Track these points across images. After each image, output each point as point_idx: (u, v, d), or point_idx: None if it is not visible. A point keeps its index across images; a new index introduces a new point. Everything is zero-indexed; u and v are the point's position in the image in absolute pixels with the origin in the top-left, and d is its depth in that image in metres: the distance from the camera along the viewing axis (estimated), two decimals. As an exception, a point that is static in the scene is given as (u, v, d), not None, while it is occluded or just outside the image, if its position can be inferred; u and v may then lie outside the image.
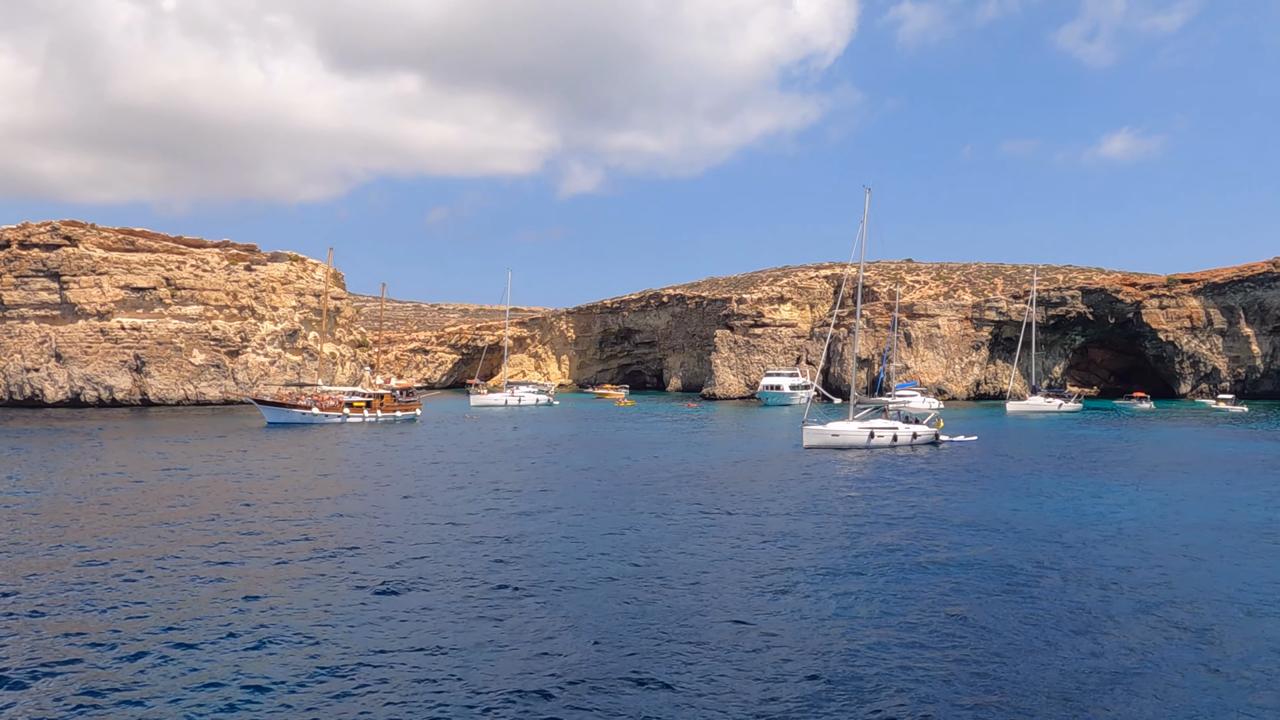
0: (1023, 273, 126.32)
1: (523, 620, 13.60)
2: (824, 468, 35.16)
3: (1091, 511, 24.52)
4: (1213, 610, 14.40)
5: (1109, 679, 11.23)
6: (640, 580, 16.21)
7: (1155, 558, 18.51)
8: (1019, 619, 13.88)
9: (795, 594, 15.35)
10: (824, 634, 13.04)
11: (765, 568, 17.34)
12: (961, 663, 11.80)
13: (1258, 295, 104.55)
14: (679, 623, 13.54)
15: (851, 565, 17.63)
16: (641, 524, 22.03)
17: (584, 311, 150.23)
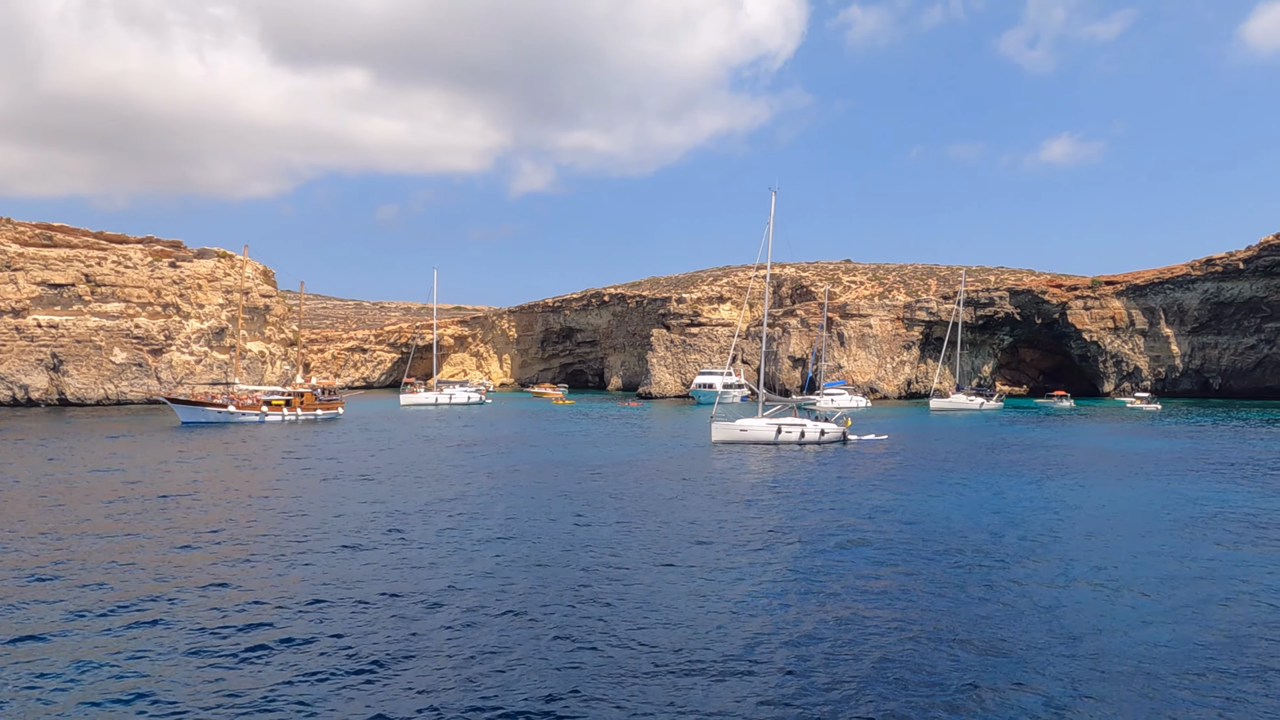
0: (956, 274, 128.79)
1: (416, 629, 13.57)
2: (727, 464, 35.52)
3: (962, 505, 25.06)
4: (1066, 589, 14.88)
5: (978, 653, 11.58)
6: (526, 583, 16.21)
7: (1005, 546, 18.99)
8: (878, 605, 14.21)
9: (675, 587, 15.53)
10: (699, 626, 13.23)
11: (634, 561, 17.51)
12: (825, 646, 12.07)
13: (1177, 297, 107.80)
14: (575, 624, 13.63)
15: (725, 557, 17.86)
16: (525, 522, 22.05)
17: (526, 310, 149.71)
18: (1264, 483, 30.38)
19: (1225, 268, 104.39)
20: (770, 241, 47.61)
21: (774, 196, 47.26)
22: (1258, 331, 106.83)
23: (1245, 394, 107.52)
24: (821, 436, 45.55)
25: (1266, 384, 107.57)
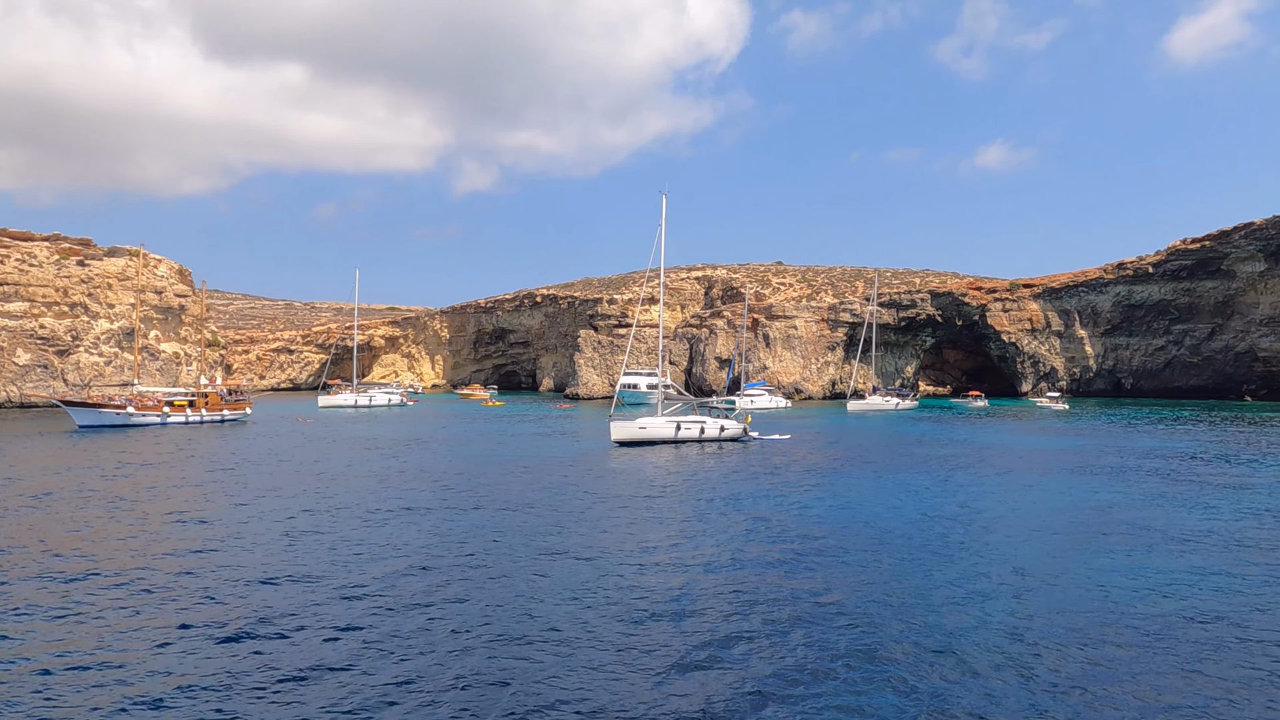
0: (883, 276, 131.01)
1: (299, 635, 13.26)
2: (618, 463, 35.58)
3: (846, 503, 25.38)
4: (916, 580, 15.17)
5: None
6: (403, 589, 16.01)
7: (867, 539, 19.30)
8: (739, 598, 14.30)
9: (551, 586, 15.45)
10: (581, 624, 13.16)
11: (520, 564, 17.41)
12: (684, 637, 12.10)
13: (1091, 299, 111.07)
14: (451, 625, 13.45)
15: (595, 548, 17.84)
16: (404, 523, 21.79)
17: (458, 311, 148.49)
18: (1118, 477, 31.41)
19: (1136, 272, 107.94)
20: (662, 245, 47.68)
21: (664, 200, 47.45)
22: (1166, 333, 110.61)
23: (1155, 393, 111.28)
24: (721, 434, 45.95)
25: (1174, 384, 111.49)
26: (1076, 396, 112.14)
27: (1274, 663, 11.70)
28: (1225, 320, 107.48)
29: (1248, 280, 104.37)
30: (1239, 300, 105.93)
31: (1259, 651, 12.14)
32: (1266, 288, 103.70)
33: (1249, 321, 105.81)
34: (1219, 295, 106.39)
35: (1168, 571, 16.89)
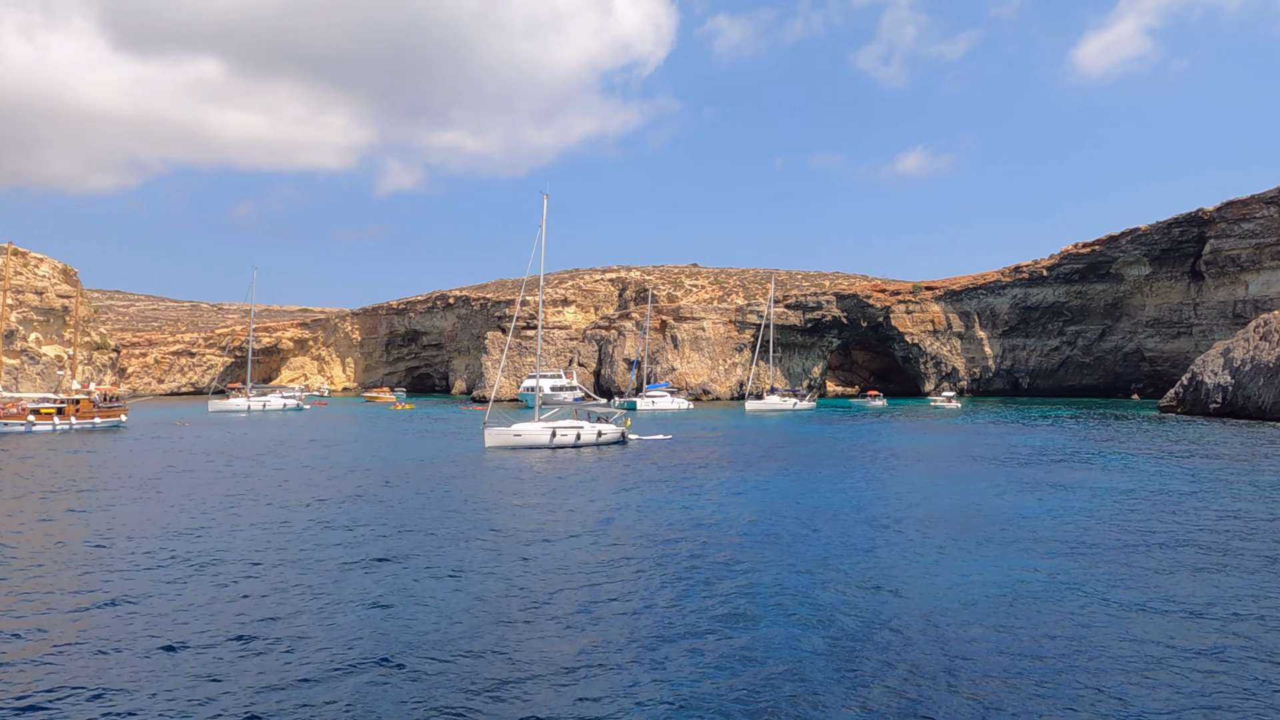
0: (794, 278, 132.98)
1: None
2: (490, 467, 35.16)
3: (688, 503, 25.41)
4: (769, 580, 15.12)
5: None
6: (229, 599, 15.30)
7: (721, 538, 19.31)
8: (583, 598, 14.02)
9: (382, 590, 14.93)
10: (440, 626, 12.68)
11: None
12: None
13: (989, 301, 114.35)
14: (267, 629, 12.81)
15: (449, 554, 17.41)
16: (241, 528, 21.03)
17: (370, 313, 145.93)
18: (965, 473, 32.22)
19: (1031, 275, 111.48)
20: (542, 247, 47.38)
21: (545, 201, 47.16)
22: (1060, 334, 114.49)
23: (1051, 392, 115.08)
24: (599, 438, 45.86)
25: (1068, 383, 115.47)
26: (977, 396, 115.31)
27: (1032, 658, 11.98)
28: (1115, 322, 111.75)
29: (1135, 283, 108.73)
30: (1127, 302, 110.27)
31: (1013, 649, 12.43)
32: (1152, 290, 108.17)
33: (1136, 323, 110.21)
34: (1109, 298, 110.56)
35: (962, 562, 17.27)
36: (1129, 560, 17.88)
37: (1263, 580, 16.08)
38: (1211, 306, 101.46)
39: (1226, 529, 21.18)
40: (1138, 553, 18.59)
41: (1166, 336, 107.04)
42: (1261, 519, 22.44)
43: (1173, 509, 24.27)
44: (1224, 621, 13.53)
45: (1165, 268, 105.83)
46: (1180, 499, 26.03)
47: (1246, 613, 13.98)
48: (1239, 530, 20.99)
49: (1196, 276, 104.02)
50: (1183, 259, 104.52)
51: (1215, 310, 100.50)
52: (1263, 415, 61.18)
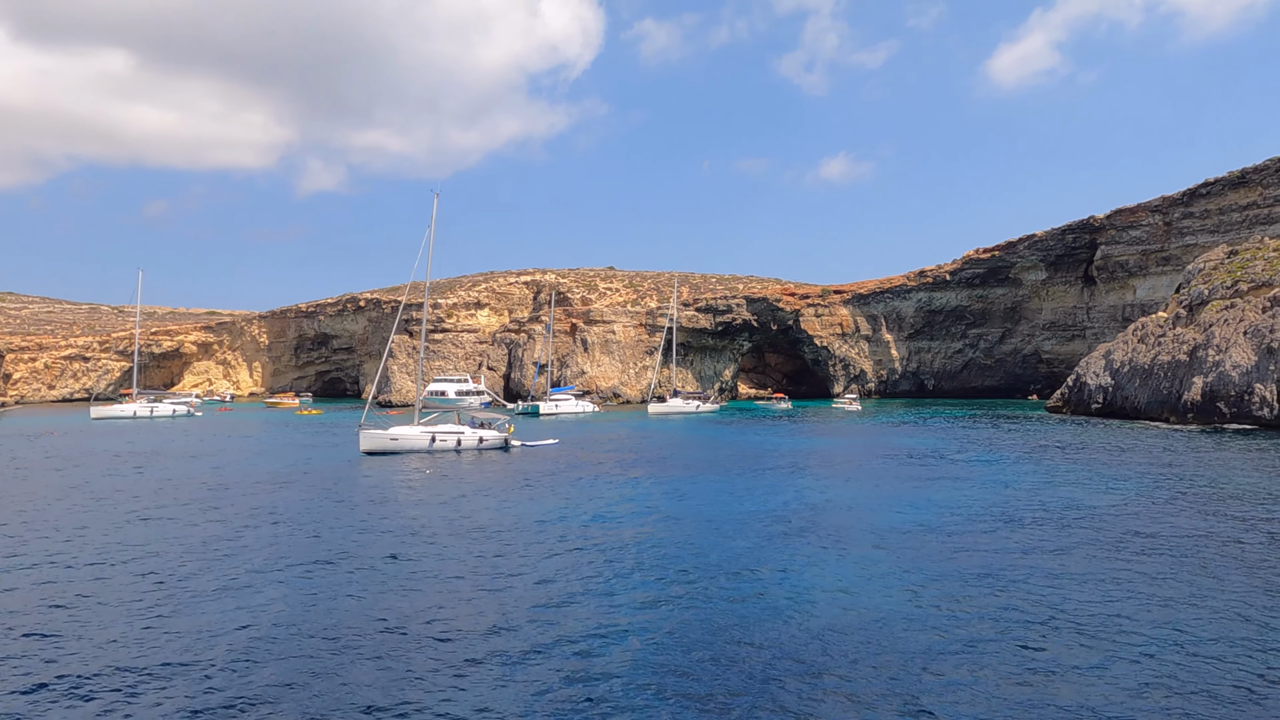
0: (709, 281, 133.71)
1: None
2: (353, 475, 34.19)
3: (545, 508, 24.98)
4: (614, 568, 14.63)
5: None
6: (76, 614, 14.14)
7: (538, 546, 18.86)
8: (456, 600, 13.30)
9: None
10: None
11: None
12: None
13: (896, 305, 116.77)
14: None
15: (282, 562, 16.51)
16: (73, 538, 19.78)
17: (278, 315, 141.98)
18: (834, 475, 32.55)
19: (935, 279, 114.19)
20: (431, 247, 46.35)
21: (435, 200, 46.26)
22: (963, 337, 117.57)
23: (954, 393, 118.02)
24: (480, 444, 45.15)
25: (971, 384, 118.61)
26: (884, 398, 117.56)
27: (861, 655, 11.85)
28: (1014, 325, 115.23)
29: (1032, 288, 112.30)
30: (1025, 306, 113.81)
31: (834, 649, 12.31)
32: (1048, 295, 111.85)
33: (1034, 326, 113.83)
34: (1008, 301, 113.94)
35: (813, 566, 17.22)
36: (952, 556, 18.10)
37: (1052, 569, 16.40)
38: (1103, 310, 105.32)
39: (1059, 520, 21.66)
40: (967, 546, 18.84)
41: (1062, 339, 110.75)
42: (1102, 511, 23.04)
43: (1013, 504, 24.77)
44: (1033, 601, 13.70)
45: (1060, 273, 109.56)
46: (1026, 494, 26.62)
47: (1057, 591, 14.19)
48: (1068, 520, 21.49)
49: (1089, 281, 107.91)
50: (1076, 264, 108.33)
51: (1106, 314, 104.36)
52: (1138, 415, 63.52)
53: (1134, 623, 13.39)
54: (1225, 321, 59.12)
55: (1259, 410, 53.83)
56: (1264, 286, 59.71)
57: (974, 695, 10.63)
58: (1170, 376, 61.55)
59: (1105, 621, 13.48)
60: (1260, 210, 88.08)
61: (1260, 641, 12.44)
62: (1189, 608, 14.19)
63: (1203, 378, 57.65)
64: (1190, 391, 58.01)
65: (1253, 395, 54.43)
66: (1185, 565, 17.22)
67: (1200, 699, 10.47)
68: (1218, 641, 12.48)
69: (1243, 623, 13.34)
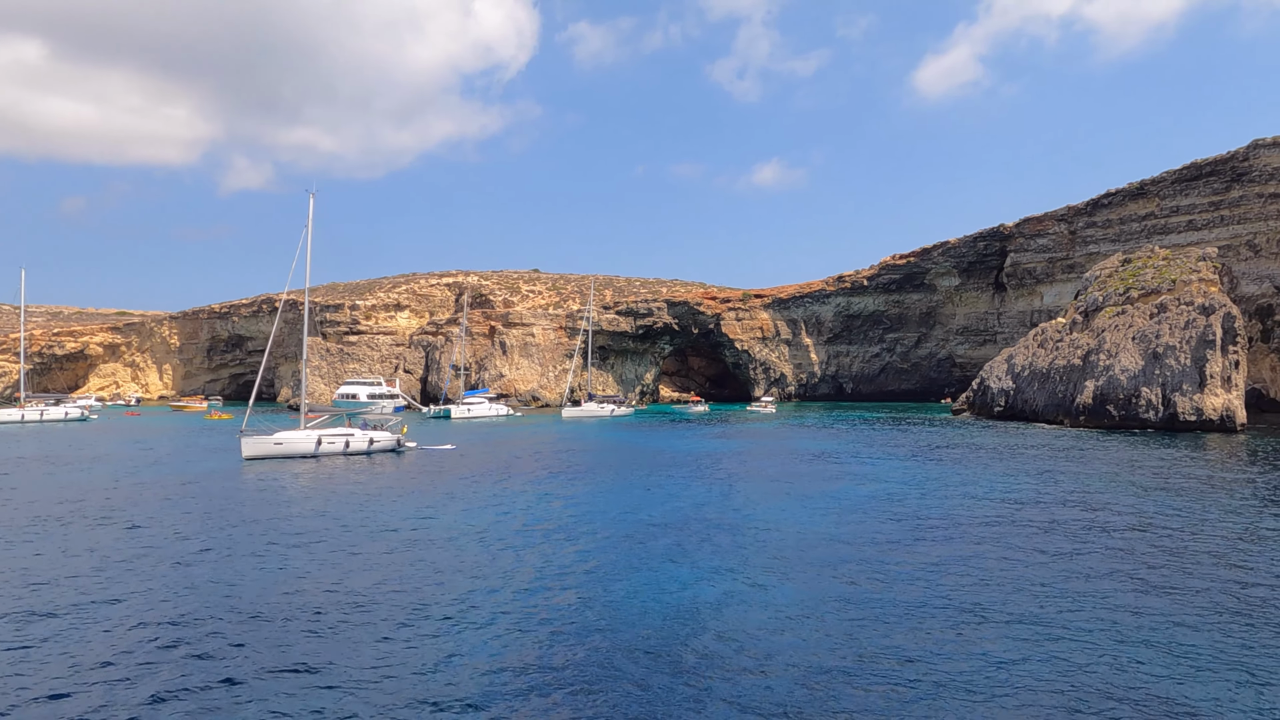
0: (632, 285, 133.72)
1: None
2: (231, 483, 32.92)
3: (414, 513, 24.25)
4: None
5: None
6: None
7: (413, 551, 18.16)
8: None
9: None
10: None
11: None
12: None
13: (815, 310, 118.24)
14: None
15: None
16: None
17: (190, 316, 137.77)
18: (725, 478, 32.48)
19: (853, 284, 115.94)
20: (308, 249, 45.09)
21: (311, 200, 45.02)
22: (880, 341, 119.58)
23: (872, 396, 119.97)
24: (371, 446, 44.10)
25: (888, 388, 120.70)
26: (804, 401, 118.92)
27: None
28: (929, 330, 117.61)
29: (946, 293, 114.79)
30: (940, 311, 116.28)
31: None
32: (962, 300, 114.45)
33: (948, 331, 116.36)
34: (924, 307, 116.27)
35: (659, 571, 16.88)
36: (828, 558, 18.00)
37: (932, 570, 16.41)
38: (1012, 316, 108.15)
39: (934, 521, 21.81)
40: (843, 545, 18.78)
41: (974, 344, 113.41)
42: (974, 514, 23.28)
43: (895, 507, 24.92)
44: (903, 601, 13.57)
45: (973, 279, 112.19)
46: (903, 499, 26.84)
47: (913, 588, 14.10)
48: (941, 522, 21.65)
49: (1000, 288, 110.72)
50: (988, 271, 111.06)
51: (1016, 319, 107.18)
52: (1036, 417, 65.21)
53: (949, 603, 13.41)
54: (1116, 327, 61.04)
55: (1145, 413, 55.66)
56: (1152, 294, 61.83)
57: (837, 691, 10.42)
58: (1065, 380, 63.31)
59: (942, 605, 13.46)
60: (1158, 220, 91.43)
61: (1110, 620, 12.54)
62: (996, 590, 14.29)
63: (1094, 381, 59.40)
64: (1082, 395, 59.73)
65: (1139, 398, 56.26)
66: (996, 552, 17.42)
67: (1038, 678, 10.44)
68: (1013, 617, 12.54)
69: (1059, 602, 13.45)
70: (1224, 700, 10.57)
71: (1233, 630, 13.14)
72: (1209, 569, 17.09)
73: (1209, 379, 54.12)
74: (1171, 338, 56.32)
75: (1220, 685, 11.03)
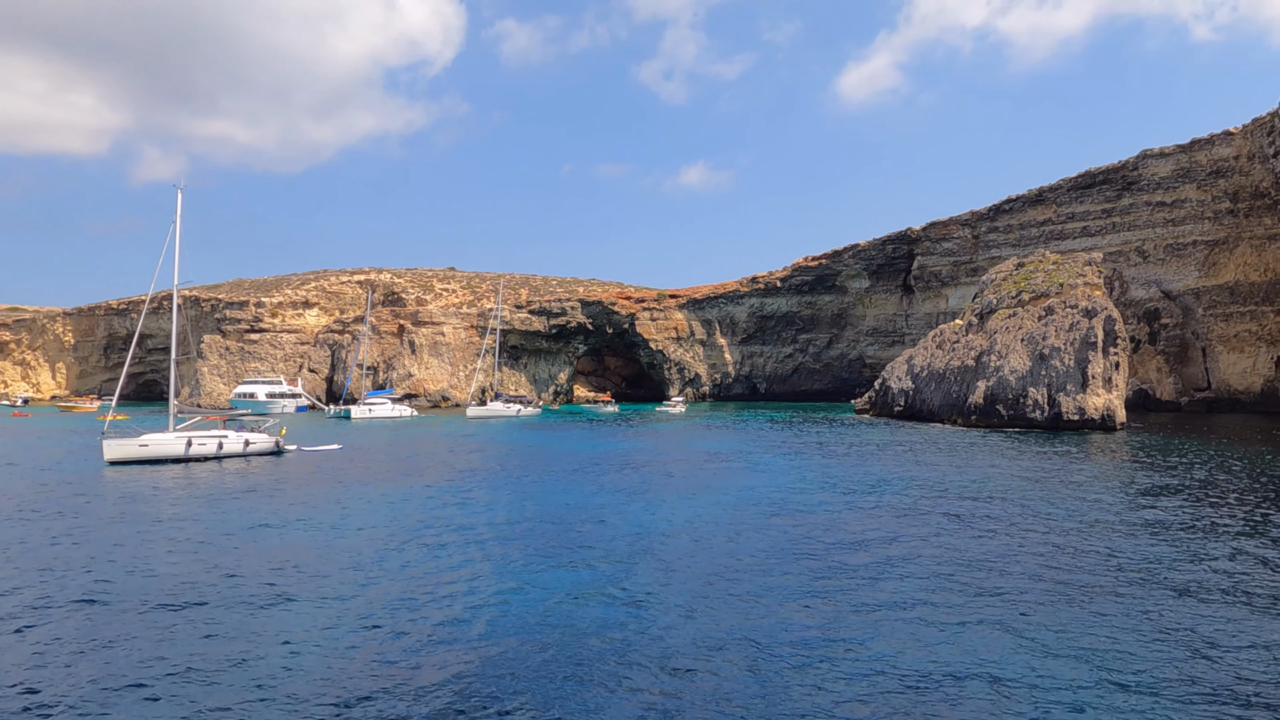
0: (549, 284, 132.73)
1: None
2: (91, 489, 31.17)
3: (274, 519, 23.19)
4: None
5: None
6: None
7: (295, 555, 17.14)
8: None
9: None
10: None
11: None
12: None
13: (730, 310, 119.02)
14: None
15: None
16: None
17: (85, 313, 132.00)
18: (608, 479, 32.09)
19: (767, 286, 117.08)
20: (177, 246, 43.07)
21: (180, 195, 43.13)
22: (794, 342, 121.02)
23: (785, 397, 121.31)
24: (247, 449, 42.46)
25: (801, 388, 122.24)
26: (718, 401, 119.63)
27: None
28: (841, 331, 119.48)
29: (857, 295, 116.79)
30: (851, 313, 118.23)
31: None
32: (871, 302, 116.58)
33: (859, 332, 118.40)
34: (835, 308, 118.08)
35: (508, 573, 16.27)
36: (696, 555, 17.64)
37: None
38: (920, 318, 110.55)
39: (806, 517, 21.68)
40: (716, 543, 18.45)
41: (884, 345, 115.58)
42: (845, 512, 23.26)
43: (760, 504, 24.80)
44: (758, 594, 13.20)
45: (882, 281, 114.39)
46: (784, 497, 26.77)
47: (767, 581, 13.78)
48: (815, 519, 21.54)
49: (908, 290, 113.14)
50: (896, 274, 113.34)
51: (923, 321, 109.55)
52: (933, 417, 66.54)
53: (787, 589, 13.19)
54: (1007, 329, 62.66)
55: (1032, 413, 57.21)
56: (1042, 297, 63.65)
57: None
58: (959, 381, 64.74)
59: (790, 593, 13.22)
60: (1055, 226, 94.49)
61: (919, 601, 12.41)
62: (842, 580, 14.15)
63: (985, 382, 60.85)
64: (974, 395, 61.14)
65: (1027, 398, 57.81)
66: (831, 538, 17.38)
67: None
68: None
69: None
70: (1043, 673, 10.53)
71: (1054, 603, 13.24)
72: (1045, 553, 17.31)
73: (1091, 379, 55.90)
74: (1057, 340, 58.02)
75: (1038, 655, 11.01)
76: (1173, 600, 14.66)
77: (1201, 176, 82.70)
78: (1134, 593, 15.12)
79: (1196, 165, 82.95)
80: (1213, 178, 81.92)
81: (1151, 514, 23.20)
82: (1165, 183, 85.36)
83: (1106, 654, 12.00)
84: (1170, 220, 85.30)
